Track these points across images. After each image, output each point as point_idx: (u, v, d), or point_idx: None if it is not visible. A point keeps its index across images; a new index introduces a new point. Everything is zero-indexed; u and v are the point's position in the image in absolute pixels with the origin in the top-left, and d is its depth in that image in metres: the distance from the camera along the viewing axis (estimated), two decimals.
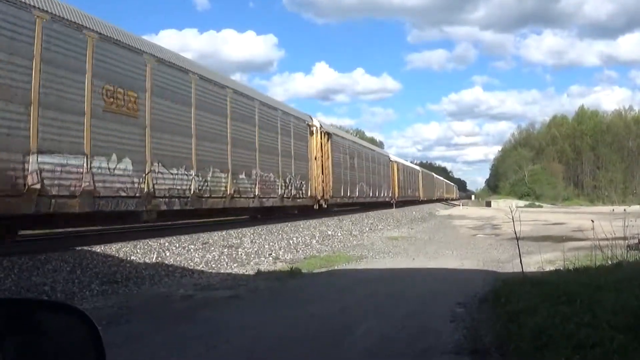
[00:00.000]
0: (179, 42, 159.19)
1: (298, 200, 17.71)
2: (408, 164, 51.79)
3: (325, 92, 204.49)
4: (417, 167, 55.99)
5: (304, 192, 18.14)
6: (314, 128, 20.07)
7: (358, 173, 26.58)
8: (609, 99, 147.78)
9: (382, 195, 32.09)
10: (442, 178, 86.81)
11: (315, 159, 19.68)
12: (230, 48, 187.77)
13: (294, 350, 4.19)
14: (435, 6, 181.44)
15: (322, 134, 20.91)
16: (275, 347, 4.25)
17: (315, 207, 19.75)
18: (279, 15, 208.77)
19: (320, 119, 21.67)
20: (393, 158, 38.60)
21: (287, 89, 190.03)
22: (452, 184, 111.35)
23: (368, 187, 28.69)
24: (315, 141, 19.94)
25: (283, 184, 16.18)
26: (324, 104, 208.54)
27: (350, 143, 26.56)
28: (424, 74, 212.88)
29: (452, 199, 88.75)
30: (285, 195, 16.32)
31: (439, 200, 68.66)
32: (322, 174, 20.36)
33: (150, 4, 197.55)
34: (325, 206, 20.70)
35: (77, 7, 8.59)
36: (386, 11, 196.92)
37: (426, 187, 55.74)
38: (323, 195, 20.27)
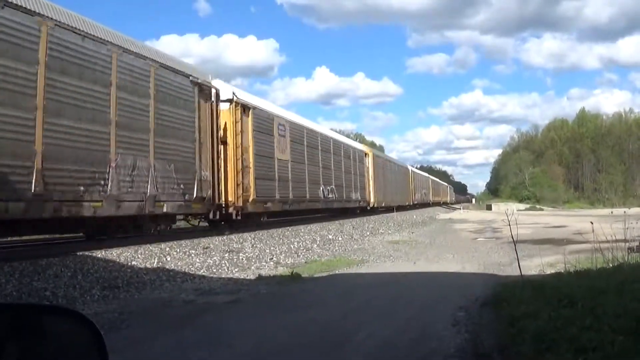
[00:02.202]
0: (180, 47, 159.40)
1: None
2: (328, 132, 26.31)
3: (326, 96, 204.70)
4: (363, 147, 32.89)
5: None
6: None
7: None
8: (609, 102, 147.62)
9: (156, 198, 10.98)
10: (426, 175, 68.36)
11: None
12: (231, 53, 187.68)
13: (296, 355, 4.18)
14: (436, 11, 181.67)
15: None
16: (277, 352, 4.25)
17: None
18: (280, 20, 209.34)
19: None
20: (249, 101, 16.09)
21: (288, 93, 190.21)
22: (445, 184, 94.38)
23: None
24: None
25: None
26: (325, 108, 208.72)
27: None
28: (424, 78, 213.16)
29: (446, 203, 78.70)
30: None
31: (420, 205, 49.43)
32: None
33: (152, 9, 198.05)
34: None
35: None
36: (387, 16, 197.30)
37: (389, 185, 36.02)
38: None
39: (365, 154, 31.28)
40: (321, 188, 21.77)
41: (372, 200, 30.68)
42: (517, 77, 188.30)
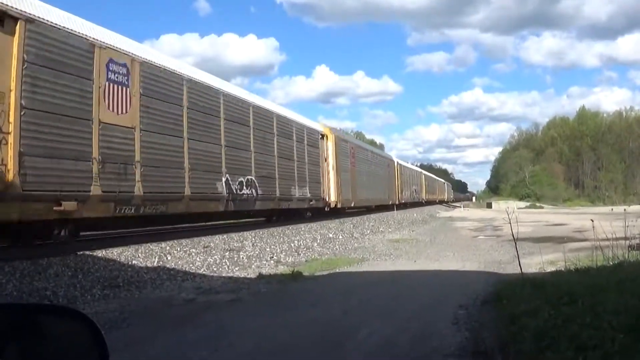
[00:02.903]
0: (180, 46, 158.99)
1: None
2: (246, 95, 16.05)
3: (326, 95, 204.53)
4: (318, 127, 22.84)
5: None
6: None
7: None
8: (609, 100, 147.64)
9: None
10: (418, 169, 59.94)
11: None
12: (231, 52, 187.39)
13: (296, 354, 4.18)
14: (436, 9, 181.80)
15: None
16: (278, 350, 4.25)
17: None
18: (279, 19, 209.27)
19: None
20: (18, 6, 7.77)
21: (288, 92, 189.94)
22: (442, 180, 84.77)
23: None
24: None
25: None
26: (325, 107, 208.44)
27: None
28: (424, 76, 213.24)
29: (444, 201, 71.77)
30: None
31: (410, 205, 41.71)
32: None
33: (151, 9, 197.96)
34: None
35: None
36: (386, 15, 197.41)
37: (363, 179, 27.70)
38: None
39: (322, 136, 22.39)
40: (224, 179, 13.67)
41: (332, 198, 22.54)
42: (516, 75, 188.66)
